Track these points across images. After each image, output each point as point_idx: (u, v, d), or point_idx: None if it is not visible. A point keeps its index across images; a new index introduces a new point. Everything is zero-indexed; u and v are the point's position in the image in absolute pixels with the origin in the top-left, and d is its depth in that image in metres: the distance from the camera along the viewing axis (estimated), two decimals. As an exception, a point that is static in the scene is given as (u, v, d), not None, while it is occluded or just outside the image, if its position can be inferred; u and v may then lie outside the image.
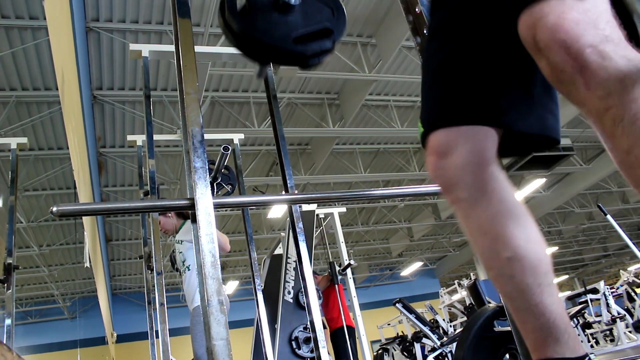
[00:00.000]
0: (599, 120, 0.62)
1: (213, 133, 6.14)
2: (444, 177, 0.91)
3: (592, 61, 0.61)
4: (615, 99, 0.59)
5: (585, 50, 0.61)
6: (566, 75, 0.64)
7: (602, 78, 0.60)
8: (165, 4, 5.68)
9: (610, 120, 0.60)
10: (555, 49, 0.64)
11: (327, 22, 1.26)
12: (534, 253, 0.87)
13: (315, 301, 1.80)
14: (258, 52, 1.20)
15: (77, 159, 4.55)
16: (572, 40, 0.62)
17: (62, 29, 3.44)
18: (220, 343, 0.96)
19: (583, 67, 0.61)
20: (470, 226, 0.92)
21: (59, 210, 1.06)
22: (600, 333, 7.17)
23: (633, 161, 0.60)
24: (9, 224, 3.21)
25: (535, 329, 0.85)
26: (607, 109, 0.60)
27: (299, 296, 4.78)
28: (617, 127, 0.60)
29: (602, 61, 0.60)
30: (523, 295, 0.86)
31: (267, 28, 1.17)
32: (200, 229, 1.06)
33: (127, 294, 14.16)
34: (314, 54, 1.21)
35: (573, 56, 0.62)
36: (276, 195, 6.34)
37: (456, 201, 0.92)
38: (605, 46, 0.61)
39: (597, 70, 0.60)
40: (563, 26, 0.63)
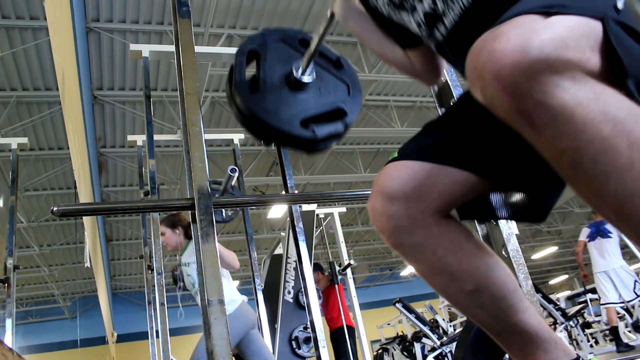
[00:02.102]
0: (556, 163, 0.53)
1: (213, 133, 6.15)
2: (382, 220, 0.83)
3: (531, 97, 0.49)
4: (569, 140, 0.49)
5: (523, 83, 0.49)
6: (504, 112, 0.52)
7: (548, 117, 0.50)
8: (165, 4, 5.68)
9: (568, 164, 0.51)
10: (488, 81, 0.52)
11: (340, 102, 1.15)
12: (496, 278, 0.82)
13: (316, 301, 1.80)
14: (262, 133, 1.10)
15: (78, 159, 4.55)
16: (506, 70, 0.50)
17: (62, 29, 3.44)
18: (220, 343, 0.96)
19: (521, 104, 0.50)
20: (421, 270, 0.85)
21: (60, 210, 1.06)
22: (600, 333, 7.17)
23: (601, 203, 0.52)
24: (10, 224, 3.21)
25: (520, 347, 0.83)
26: (561, 152, 0.51)
27: (299, 296, 4.78)
28: (577, 171, 0.50)
29: (544, 97, 0.49)
30: (498, 320, 0.83)
31: (274, 108, 1.07)
32: (200, 229, 1.06)
33: (127, 294, 14.16)
34: (322, 139, 1.11)
35: (508, 91, 0.50)
36: (276, 195, 6.34)
37: (398, 246, 0.84)
38: (549, 77, 0.49)
39: (539, 108, 0.50)
40: (497, 52, 0.51)
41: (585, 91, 0.49)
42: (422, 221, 0.81)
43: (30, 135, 6.78)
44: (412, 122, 8.54)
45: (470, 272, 0.81)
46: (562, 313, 5.49)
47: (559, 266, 18.78)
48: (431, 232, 0.81)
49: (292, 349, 4.57)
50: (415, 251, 0.83)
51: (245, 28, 6.30)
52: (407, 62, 1.11)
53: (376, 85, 7.77)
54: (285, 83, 1.12)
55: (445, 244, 0.82)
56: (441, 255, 0.82)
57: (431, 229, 0.81)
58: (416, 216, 0.81)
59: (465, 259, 0.82)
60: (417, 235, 0.81)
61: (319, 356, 1.76)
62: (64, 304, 13.64)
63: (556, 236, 15.61)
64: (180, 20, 1.30)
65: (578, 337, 5.65)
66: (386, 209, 0.82)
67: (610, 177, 0.49)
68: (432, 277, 0.84)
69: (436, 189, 0.82)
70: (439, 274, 0.83)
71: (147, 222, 3.98)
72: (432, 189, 0.82)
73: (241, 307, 2.79)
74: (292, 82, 1.12)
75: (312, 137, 1.09)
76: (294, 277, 4.93)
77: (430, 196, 0.81)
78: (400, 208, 0.81)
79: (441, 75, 1.14)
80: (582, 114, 0.48)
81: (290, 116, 1.08)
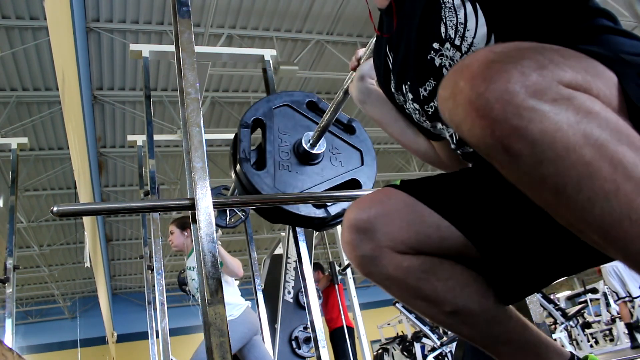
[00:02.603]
0: (537, 193, 0.49)
1: (213, 133, 6.15)
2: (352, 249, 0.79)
3: (508, 122, 0.46)
4: (550, 167, 0.46)
5: (495, 105, 0.46)
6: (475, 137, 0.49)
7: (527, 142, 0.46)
8: (165, 4, 5.68)
9: (549, 192, 0.48)
10: (459, 101, 0.48)
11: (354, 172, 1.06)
12: (473, 293, 0.80)
13: (316, 301, 1.80)
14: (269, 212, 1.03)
15: (78, 159, 4.55)
16: (478, 89, 0.47)
17: (62, 29, 3.44)
18: (220, 343, 0.96)
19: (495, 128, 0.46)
20: (396, 295, 0.83)
21: (59, 210, 1.06)
22: (600, 333, 7.17)
23: (586, 229, 0.49)
24: (10, 224, 3.21)
25: (511, 355, 0.83)
26: (542, 180, 0.47)
27: (299, 296, 4.78)
28: (560, 198, 0.47)
29: (521, 122, 0.45)
30: (483, 333, 0.82)
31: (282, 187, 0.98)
32: (200, 229, 1.06)
33: (127, 294, 14.15)
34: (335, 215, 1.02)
35: (481, 113, 0.47)
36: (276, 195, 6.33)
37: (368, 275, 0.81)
38: (528, 100, 0.46)
39: (517, 134, 0.46)
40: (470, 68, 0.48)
41: (565, 113, 0.46)
42: (388, 254, 0.78)
43: (30, 135, 6.78)
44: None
45: (445, 295, 0.79)
46: (562, 313, 5.49)
47: (559, 266, 18.76)
48: (399, 265, 0.78)
49: (292, 349, 4.57)
50: (384, 279, 0.80)
51: (245, 28, 6.30)
52: (432, 151, 1.06)
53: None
54: (294, 155, 1.05)
55: (415, 273, 0.79)
56: (412, 283, 0.79)
57: (400, 262, 0.78)
58: (381, 249, 0.78)
59: (438, 284, 0.79)
60: (383, 266, 0.78)
61: (319, 356, 1.76)
62: (64, 304, 13.64)
63: (556, 236, 15.59)
64: (180, 20, 1.30)
65: (578, 337, 5.65)
66: (352, 239, 0.79)
67: (595, 203, 0.46)
68: (408, 302, 0.82)
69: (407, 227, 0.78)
70: (414, 298, 0.81)
71: (147, 222, 3.98)
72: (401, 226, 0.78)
73: (246, 312, 2.80)
74: (301, 154, 1.05)
75: (325, 216, 1.01)
76: (294, 277, 4.92)
77: (398, 233, 0.78)
78: (365, 239, 0.78)
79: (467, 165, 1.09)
80: (562, 138, 0.45)
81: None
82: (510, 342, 0.82)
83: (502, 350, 0.83)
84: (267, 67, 2.27)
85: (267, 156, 1.01)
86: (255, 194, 1.00)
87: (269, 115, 1.07)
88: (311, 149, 1.03)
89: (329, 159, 1.06)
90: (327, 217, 1.02)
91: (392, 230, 0.78)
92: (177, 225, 3.00)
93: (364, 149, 1.11)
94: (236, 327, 2.64)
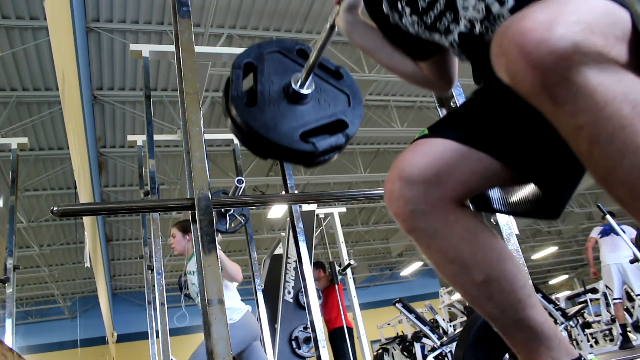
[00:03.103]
0: (573, 139, 0.55)
1: (213, 133, 6.16)
2: (398, 203, 0.82)
3: (556, 71, 0.51)
4: (588, 116, 0.51)
5: (548, 57, 0.51)
6: (527, 86, 0.54)
7: (570, 92, 0.51)
8: (165, 4, 5.68)
9: (585, 140, 0.53)
10: (513, 56, 0.54)
11: (341, 113, 1.12)
12: (507, 271, 0.83)
13: (315, 301, 1.80)
14: (261, 148, 1.08)
15: (78, 159, 4.55)
16: (532, 45, 0.52)
17: (62, 29, 3.44)
18: (220, 343, 0.96)
19: (545, 78, 0.52)
20: (433, 257, 0.85)
21: (60, 210, 1.06)
22: (600, 333, 7.17)
23: (614, 182, 0.53)
24: (10, 224, 3.21)
25: (524, 342, 0.84)
26: (580, 128, 0.52)
27: (299, 296, 4.78)
28: (594, 147, 0.52)
29: (568, 72, 0.51)
30: (505, 314, 0.83)
31: (273, 122, 1.04)
32: (200, 229, 1.06)
33: (127, 294, 14.15)
34: (323, 151, 1.08)
35: (533, 65, 0.52)
36: (276, 195, 6.34)
37: (412, 231, 0.84)
38: (574, 54, 0.51)
39: (563, 83, 0.51)
40: (524, 28, 0.53)
41: (607, 73, 0.51)
42: (439, 207, 0.81)
43: (30, 135, 6.78)
44: (412, 122, 8.54)
45: (481, 262, 0.81)
46: (562, 313, 5.49)
47: (559, 266, 18.78)
48: (447, 219, 0.81)
49: (292, 349, 4.57)
50: (429, 237, 0.83)
51: (245, 28, 6.30)
52: (419, 73, 1.11)
53: (376, 85, 7.77)
54: (284, 96, 1.09)
55: (460, 231, 0.82)
56: (454, 243, 0.82)
57: (448, 215, 0.81)
58: (434, 202, 0.80)
59: (478, 249, 0.82)
60: (433, 221, 0.81)
61: (319, 356, 1.76)
62: (64, 304, 13.64)
63: (556, 236, 15.61)
64: (180, 20, 1.30)
65: (578, 337, 5.65)
66: (403, 193, 0.81)
67: (625, 155, 0.50)
68: (443, 265, 0.84)
69: (457, 175, 0.81)
70: (450, 262, 0.83)
71: (147, 222, 3.98)
72: (452, 174, 0.81)
73: (246, 316, 2.79)
74: (290, 95, 1.09)
75: (312, 151, 1.06)
76: (294, 277, 4.92)
77: (450, 182, 0.81)
78: (418, 193, 0.80)
79: (454, 83, 1.13)
80: (603, 91, 0.51)
81: (289, 130, 1.05)
82: (528, 330, 0.83)
83: (518, 336, 0.84)
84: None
85: (258, 95, 1.06)
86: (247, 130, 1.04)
87: (261, 59, 1.11)
88: (300, 89, 1.07)
89: (317, 101, 1.10)
90: (315, 151, 1.06)
91: (443, 181, 0.80)
92: (179, 229, 2.98)
93: (350, 92, 1.16)
94: (236, 331, 2.63)
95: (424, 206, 0.80)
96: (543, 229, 14.70)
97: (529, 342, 0.83)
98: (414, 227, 0.82)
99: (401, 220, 0.83)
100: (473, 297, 0.85)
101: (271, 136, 1.04)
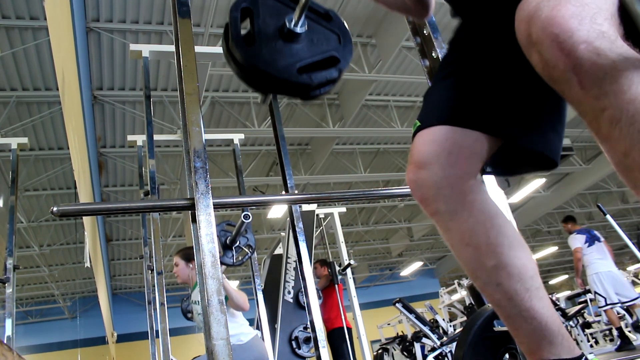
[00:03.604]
0: (595, 121, 0.59)
1: (213, 133, 6.15)
2: (422, 189, 0.90)
3: (586, 58, 0.57)
4: (612, 99, 0.56)
5: (580, 46, 0.57)
6: (559, 72, 0.60)
7: (597, 77, 0.56)
8: (165, 4, 5.68)
9: (606, 122, 0.57)
10: (547, 44, 0.60)
11: (333, 50, 1.22)
12: (518, 259, 0.87)
13: (315, 301, 1.80)
14: (261, 83, 1.16)
15: (78, 159, 4.55)
16: (565, 34, 0.58)
17: (62, 29, 3.44)
18: (220, 343, 0.96)
19: (577, 64, 0.57)
20: (452, 238, 0.91)
21: (60, 210, 1.06)
22: (600, 333, 7.17)
23: (631, 164, 0.57)
24: (10, 224, 3.21)
25: (528, 334, 0.85)
26: (603, 110, 0.57)
27: (299, 296, 4.78)
28: (614, 128, 0.56)
29: (597, 59, 0.56)
30: (512, 302, 0.85)
31: (271, 58, 1.13)
32: (200, 229, 1.06)
33: (127, 294, 14.16)
34: (319, 84, 1.18)
35: (566, 52, 0.58)
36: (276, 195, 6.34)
37: (435, 214, 0.91)
38: (601, 42, 0.57)
39: (592, 68, 0.57)
40: (556, 19, 0.59)
41: (631, 60, 0.56)
42: (458, 187, 0.88)
43: (30, 135, 6.78)
44: (412, 122, 8.46)
45: (494, 247, 0.87)
46: (562, 313, 5.49)
47: (559, 266, 18.78)
48: (466, 200, 0.88)
49: (292, 349, 4.57)
50: (449, 218, 0.89)
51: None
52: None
53: (376, 85, 7.77)
54: (279, 35, 1.17)
55: (476, 213, 0.88)
56: (472, 225, 0.88)
57: (466, 196, 0.88)
58: (453, 182, 0.88)
59: (492, 233, 0.87)
60: (453, 201, 0.88)
61: (319, 356, 1.76)
62: (64, 304, 13.64)
63: (556, 236, 15.60)
64: (180, 20, 1.30)
65: (578, 337, 5.65)
66: (425, 179, 0.89)
67: None
68: (460, 248, 0.90)
69: (464, 151, 0.89)
70: (467, 244, 0.89)
71: (147, 222, 3.98)
72: (461, 152, 0.89)
73: (254, 339, 2.74)
74: (285, 34, 1.17)
75: (309, 83, 1.16)
76: (294, 277, 4.92)
77: (462, 159, 0.88)
78: (437, 176, 0.88)
79: (431, 9, 1.21)
80: (627, 76, 0.55)
81: (287, 65, 1.14)
82: (533, 322, 0.84)
83: (522, 327, 0.85)
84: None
85: (255, 35, 1.14)
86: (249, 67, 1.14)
87: (255, 3, 1.20)
88: (294, 28, 1.16)
89: (311, 40, 1.20)
90: (311, 83, 1.16)
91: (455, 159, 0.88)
92: (181, 257, 2.94)
93: (340, 32, 1.27)
94: (243, 353, 2.59)
95: (445, 188, 0.88)
96: (543, 229, 14.69)
97: (532, 334, 0.84)
98: (436, 209, 0.90)
99: (426, 205, 0.91)
100: (483, 283, 0.89)
101: (271, 71, 1.13)
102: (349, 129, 8.22)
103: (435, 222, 0.92)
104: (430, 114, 0.94)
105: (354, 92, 7.78)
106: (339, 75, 1.21)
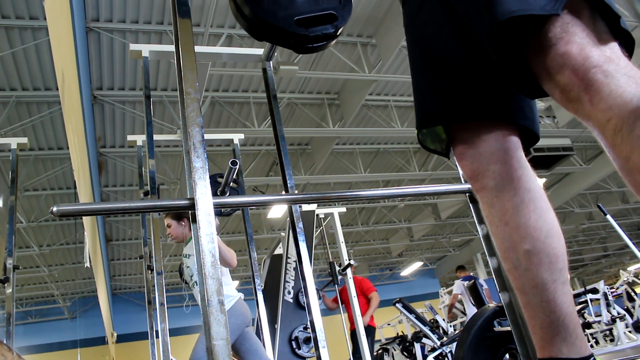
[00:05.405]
0: (602, 131, 0.68)
1: (213, 133, 6.15)
2: (472, 164, 0.93)
3: (596, 80, 0.67)
4: (616, 110, 0.65)
5: (591, 70, 0.68)
6: (574, 94, 0.70)
7: (605, 94, 0.66)
8: (165, 4, 5.68)
9: (611, 130, 0.66)
10: (566, 73, 0.70)
11: (332, 8, 1.29)
12: (552, 248, 0.87)
13: (315, 301, 1.79)
14: (263, 32, 1.24)
15: (77, 159, 4.55)
16: (580, 64, 0.69)
17: (62, 29, 3.44)
18: (220, 343, 0.96)
19: (588, 85, 0.68)
20: (493, 214, 0.93)
21: (59, 210, 1.05)
22: (600, 333, 7.17)
23: (631, 167, 0.64)
24: (9, 224, 3.21)
25: (543, 326, 0.85)
26: (608, 120, 0.66)
27: (299, 296, 4.79)
28: (617, 136, 0.65)
29: (605, 79, 0.67)
30: (536, 290, 0.86)
31: (272, 9, 1.21)
32: (200, 229, 1.06)
33: (127, 294, 14.15)
34: (315, 37, 1.24)
35: (580, 77, 0.69)
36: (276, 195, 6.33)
37: (482, 189, 0.94)
38: (608, 66, 0.67)
39: (600, 87, 0.67)
40: (572, 52, 0.70)
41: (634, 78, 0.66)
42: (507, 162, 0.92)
43: (30, 135, 6.78)
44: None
45: (533, 230, 0.88)
46: (562, 313, 5.48)
47: (559, 266, 18.75)
48: (514, 175, 0.92)
49: (292, 349, 4.57)
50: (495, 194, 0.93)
51: None
52: None
53: (376, 85, 7.77)
54: None
55: (522, 192, 0.91)
56: (515, 203, 0.90)
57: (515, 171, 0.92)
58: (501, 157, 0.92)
59: (533, 216, 0.89)
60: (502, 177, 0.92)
61: (319, 356, 1.76)
62: (64, 304, 13.64)
63: (556, 236, 15.58)
64: (180, 20, 1.30)
65: (578, 337, 5.64)
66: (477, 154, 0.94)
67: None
68: (499, 226, 0.92)
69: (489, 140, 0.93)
70: (506, 223, 0.91)
71: (147, 222, 3.98)
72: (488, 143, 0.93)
73: (237, 303, 2.82)
74: None
75: (305, 34, 1.23)
76: (294, 277, 4.92)
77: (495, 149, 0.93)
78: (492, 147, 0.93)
79: None
80: (630, 92, 0.65)
81: (286, 16, 1.21)
82: (551, 315, 0.85)
83: (539, 318, 0.86)
84: (267, 67, 2.26)
85: None
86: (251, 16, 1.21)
87: None
88: None
89: None
90: (307, 35, 1.23)
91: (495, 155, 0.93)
92: (172, 217, 3.03)
93: None
94: (228, 319, 2.64)
95: (495, 164, 0.92)
96: (543, 229, 14.69)
97: (548, 327, 0.85)
98: (484, 185, 0.94)
99: (475, 180, 0.95)
100: (513, 266, 0.90)
101: (271, 20, 1.20)
102: (349, 129, 8.22)
103: (481, 197, 0.96)
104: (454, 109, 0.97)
105: (354, 92, 7.78)
106: (335, 32, 1.28)
